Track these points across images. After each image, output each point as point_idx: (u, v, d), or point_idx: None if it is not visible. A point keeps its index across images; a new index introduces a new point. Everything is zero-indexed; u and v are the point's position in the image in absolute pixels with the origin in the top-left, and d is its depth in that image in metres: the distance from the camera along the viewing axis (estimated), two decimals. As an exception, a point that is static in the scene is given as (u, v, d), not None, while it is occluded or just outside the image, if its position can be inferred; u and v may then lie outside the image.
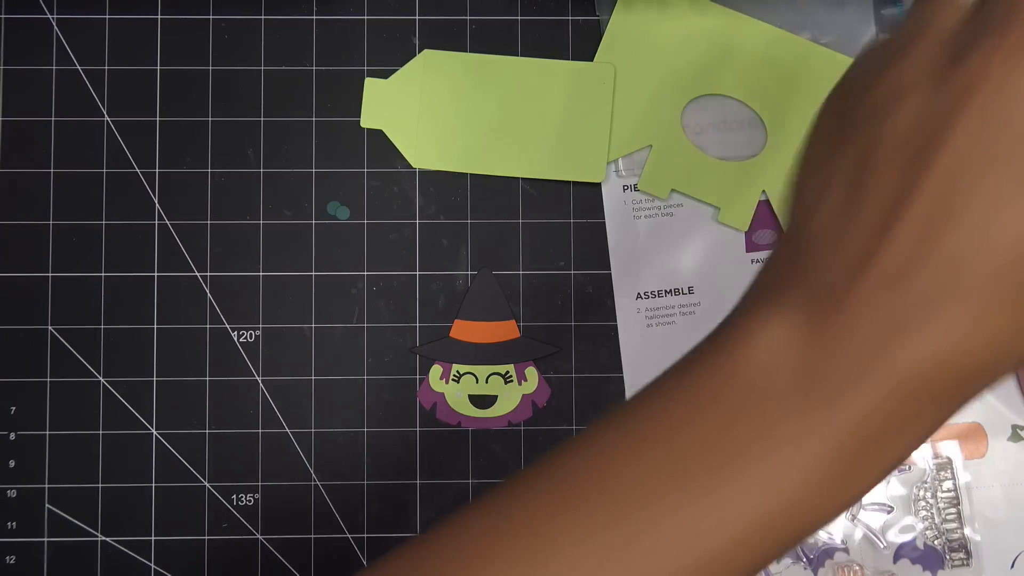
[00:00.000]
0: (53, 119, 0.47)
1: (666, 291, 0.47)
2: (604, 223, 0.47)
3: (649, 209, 0.47)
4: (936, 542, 0.46)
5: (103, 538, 0.46)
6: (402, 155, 0.47)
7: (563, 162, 0.47)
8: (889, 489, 0.46)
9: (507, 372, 0.47)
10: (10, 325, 0.46)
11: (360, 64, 0.47)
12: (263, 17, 0.47)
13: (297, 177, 0.47)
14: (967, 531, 0.46)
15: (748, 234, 0.47)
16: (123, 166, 0.47)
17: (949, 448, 0.47)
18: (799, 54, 0.47)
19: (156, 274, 0.46)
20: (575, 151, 0.46)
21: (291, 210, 0.47)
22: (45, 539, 0.46)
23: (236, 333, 0.46)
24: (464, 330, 0.47)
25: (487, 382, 0.47)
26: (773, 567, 0.46)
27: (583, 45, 0.47)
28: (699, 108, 0.47)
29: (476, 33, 0.47)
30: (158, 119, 0.47)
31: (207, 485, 0.46)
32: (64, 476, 0.46)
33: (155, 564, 0.46)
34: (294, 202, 0.47)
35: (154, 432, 0.46)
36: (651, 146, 0.47)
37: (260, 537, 0.46)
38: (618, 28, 0.47)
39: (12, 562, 0.46)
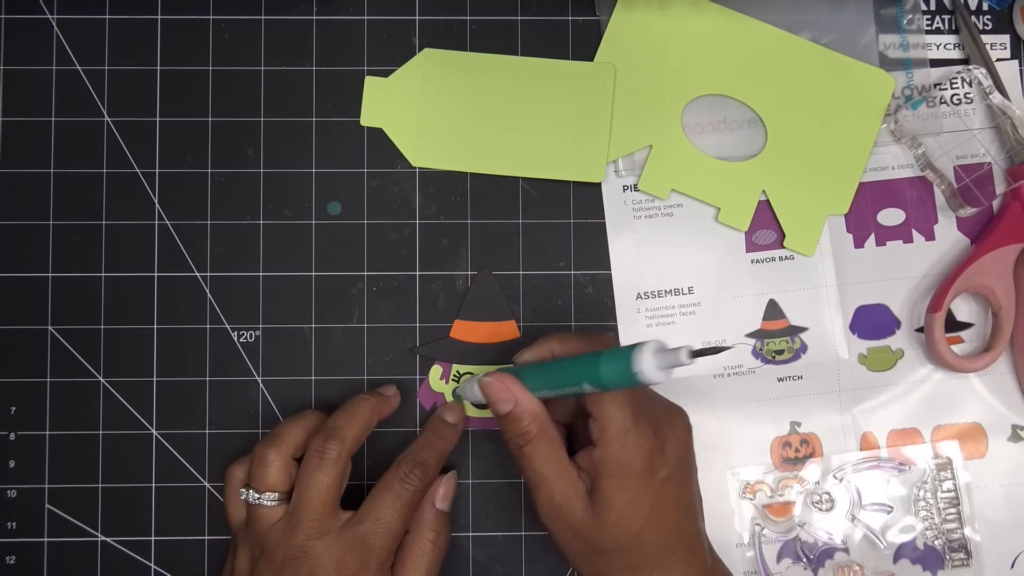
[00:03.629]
0: (53, 119, 0.47)
1: (666, 291, 0.47)
2: (604, 223, 0.47)
3: (649, 209, 0.47)
4: (936, 542, 0.46)
5: (103, 538, 0.46)
6: (402, 154, 0.47)
7: (563, 162, 0.47)
8: (889, 489, 0.46)
9: (507, 372, 0.47)
10: (10, 325, 0.46)
11: (360, 64, 0.47)
12: (263, 17, 0.47)
13: (297, 177, 0.47)
14: (967, 531, 0.46)
15: (748, 234, 0.47)
16: (123, 166, 0.47)
17: (949, 448, 0.47)
18: (799, 54, 0.47)
19: (156, 274, 0.46)
20: (575, 151, 0.46)
21: (291, 210, 0.47)
22: (45, 539, 0.46)
23: (236, 333, 0.46)
24: (464, 330, 0.47)
25: (487, 382, 0.47)
26: (773, 567, 0.46)
27: (583, 45, 0.47)
28: (699, 108, 0.47)
29: (476, 33, 0.47)
30: (158, 119, 0.47)
31: (207, 485, 0.46)
32: (64, 476, 0.46)
33: (155, 564, 0.46)
34: (294, 202, 0.47)
35: (154, 432, 0.46)
36: (651, 146, 0.47)
37: (260, 537, 0.46)
38: (618, 28, 0.47)
39: (12, 562, 0.46)
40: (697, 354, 0.33)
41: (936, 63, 0.47)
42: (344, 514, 0.40)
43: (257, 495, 0.40)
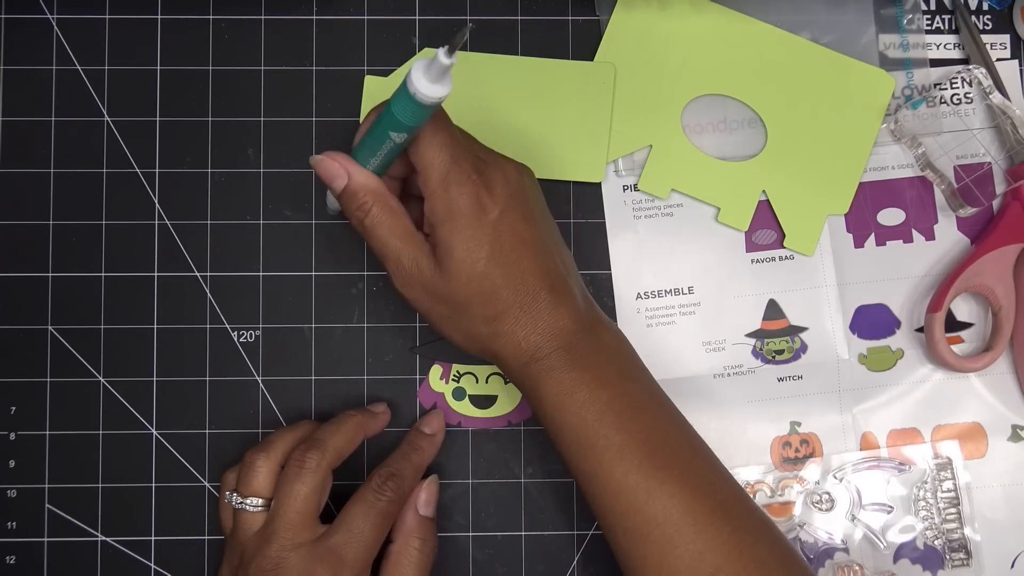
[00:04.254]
0: (53, 119, 0.47)
1: (666, 291, 0.47)
2: (604, 223, 0.47)
3: (649, 209, 0.47)
4: (936, 542, 0.46)
5: (103, 538, 0.46)
6: (402, 155, 0.47)
7: (563, 162, 0.46)
8: (889, 489, 0.46)
9: (507, 372, 0.47)
10: (10, 325, 0.46)
11: (360, 64, 0.47)
12: (263, 17, 0.47)
13: (297, 177, 0.47)
14: (967, 531, 0.46)
15: (748, 234, 0.47)
16: (123, 166, 0.47)
17: (949, 448, 0.47)
18: (799, 54, 0.47)
19: (156, 274, 0.46)
20: (575, 151, 0.46)
21: (291, 210, 0.47)
22: (45, 539, 0.46)
23: (236, 333, 0.46)
24: (464, 330, 0.46)
25: (487, 382, 0.47)
26: (773, 567, 0.46)
27: (583, 45, 0.47)
28: (699, 108, 0.47)
29: (476, 33, 0.47)
30: (158, 119, 0.47)
31: (207, 485, 0.46)
32: (64, 476, 0.46)
33: (155, 564, 0.46)
34: (294, 202, 0.47)
35: (154, 432, 0.46)
36: (651, 146, 0.47)
37: (260, 537, 0.46)
38: (618, 28, 0.47)
39: (12, 562, 0.46)
40: (452, 48, 0.33)
41: (936, 63, 0.47)
42: (321, 527, 0.40)
43: (241, 499, 0.40)
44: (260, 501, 0.40)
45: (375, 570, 0.41)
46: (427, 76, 0.34)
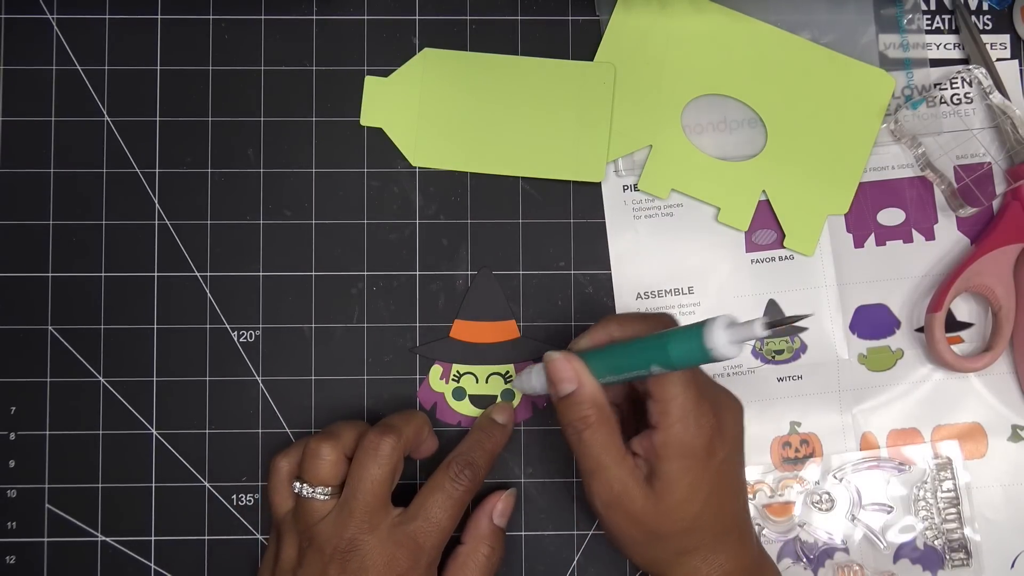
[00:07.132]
0: (53, 119, 0.47)
1: (666, 291, 0.47)
2: (604, 223, 0.47)
3: (649, 209, 0.47)
4: (936, 542, 0.46)
5: (103, 538, 0.46)
6: (402, 154, 0.47)
7: (563, 162, 0.47)
8: (889, 489, 0.46)
9: (507, 372, 0.47)
10: (10, 325, 0.46)
11: (360, 64, 0.47)
12: (263, 17, 0.47)
13: (297, 177, 0.47)
14: (967, 531, 0.46)
15: (748, 234, 0.47)
16: (123, 166, 0.47)
17: (949, 448, 0.47)
18: (799, 54, 0.47)
19: (156, 274, 0.46)
20: (575, 151, 0.46)
21: (291, 210, 0.47)
22: (45, 539, 0.46)
23: (236, 333, 0.46)
24: (464, 330, 0.47)
25: (487, 382, 0.47)
26: (773, 567, 0.46)
27: (583, 45, 0.47)
28: (699, 108, 0.47)
29: (476, 33, 0.47)
30: (158, 119, 0.47)
31: (207, 485, 0.46)
32: (64, 476, 0.46)
33: (155, 564, 0.46)
34: (294, 202, 0.47)
35: (154, 432, 0.46)
36: (651, 146, 0.47)
37: (260, 537, 0.46)
38: (618, 28, 0.47)
39: (12, 562, 0.46)
40: (772, 325, 0.31)
41: (936, 63, 0.47)
42: (394, 510, 0.40)
43: (311, 488, 0.40)
44: (330, 489, 0.40)
45: (441, 566, 0.41)
46: (729, 337, 0.32)
